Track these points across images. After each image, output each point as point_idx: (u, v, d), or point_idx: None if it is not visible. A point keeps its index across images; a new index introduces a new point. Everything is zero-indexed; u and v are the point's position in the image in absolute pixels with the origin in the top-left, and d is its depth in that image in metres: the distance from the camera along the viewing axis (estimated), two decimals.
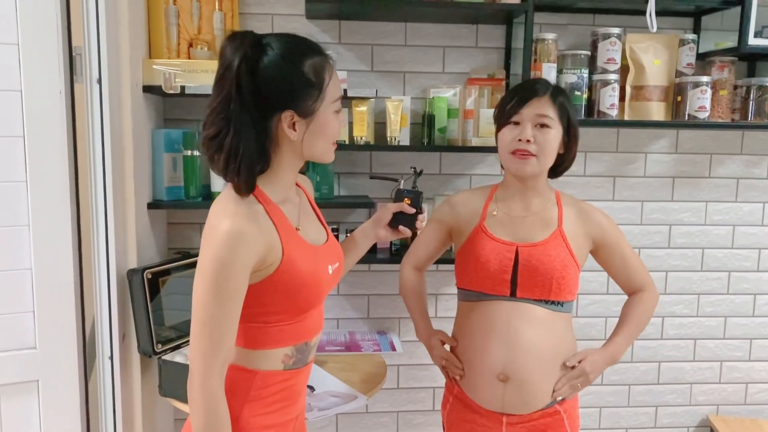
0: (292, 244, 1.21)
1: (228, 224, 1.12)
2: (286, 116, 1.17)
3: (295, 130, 1.19)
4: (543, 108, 1.57)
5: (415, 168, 1.60)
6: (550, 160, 1.60)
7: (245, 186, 1.17)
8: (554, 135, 1.58)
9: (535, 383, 1.57)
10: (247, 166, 1.15)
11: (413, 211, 1.49)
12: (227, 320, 1.13)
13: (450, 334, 1.75)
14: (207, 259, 1.12)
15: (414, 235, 1.92)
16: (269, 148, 1.19)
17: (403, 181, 1.57)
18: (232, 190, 1.19)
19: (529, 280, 1.58)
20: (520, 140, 1.56)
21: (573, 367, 1.60)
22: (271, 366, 1.25)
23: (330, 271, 1.31)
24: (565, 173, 1.71)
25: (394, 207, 1.50)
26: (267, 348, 1.24)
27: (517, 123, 1.59)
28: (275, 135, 1.19)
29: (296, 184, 1.35)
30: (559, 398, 1.60)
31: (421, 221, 1.52)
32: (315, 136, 1.21)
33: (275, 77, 1.15)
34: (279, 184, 1.24)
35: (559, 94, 1.61)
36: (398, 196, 1.52)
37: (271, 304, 1.21)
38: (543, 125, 1.57)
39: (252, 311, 1.19)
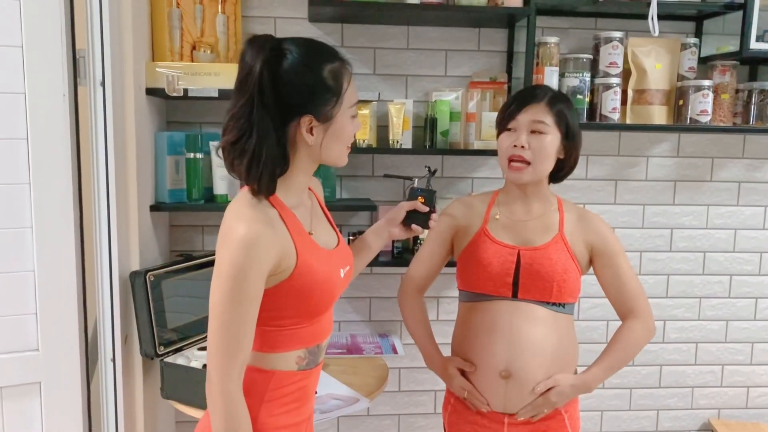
0: (306, 249, 1.21)
1: (244, 229, 1.12)
2: (305, 121, 1.18)
3: (312, 134, 1.19)
4: (538, 114, 1.58)
5: (429, 167, 1.61)
6: (546, 167, 1.61)
7: (266, 190, 1.18)
8: (550, 141, 1.58)
9: (536, 381, 1.57)
10: (269, 170, 1.16)
11: (427, 209, 1.50)
12: (244, 324, 1.14)
13: (451, 336, 1.75)
14: (224, 264, 1.13)
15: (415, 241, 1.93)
16: (289, 152, 1.20)
17: (417, 180, 1.58)
18: (247, 194, 1.19)
19: (530, 282, 1.58)
20: (515, 146, 1.58)
21: (543, 393, 1.58)
22: (285, 367, 1.26)
23: (341, 275, 1.32)
24: (568, 177, 1.71)
25: (407, 205, 1.51)
26: (280, 351, 1.25)
27: (513, 129, 1.60)
28: (293, 139, 1.19)
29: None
30: (520, 418, 1.60)
31: (434, 220, 1.52)
32: (332, 140, 1.22)
33: (296, 82, 1.16)
34: (293, 188, 1.25)
35: (557, 100, 1.61)
36: (412, 195, 1.53)
37: (285, 308, 1.21)
38: (538, 131, 1.58)
39: (266, 315, 1.20)
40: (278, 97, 1.15)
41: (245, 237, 1.11)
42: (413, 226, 1.51)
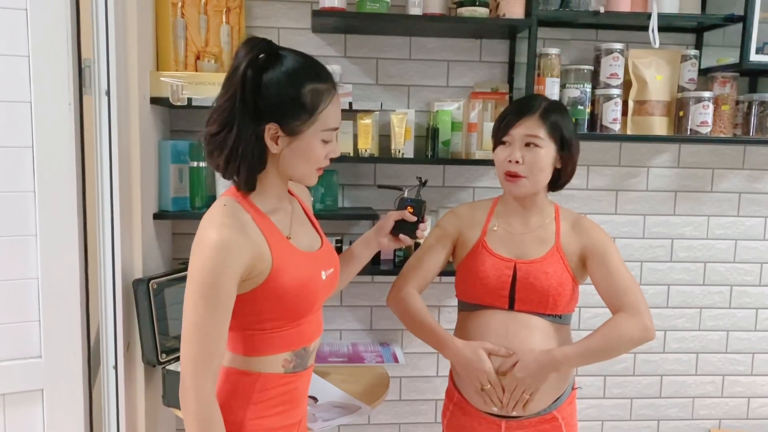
0: (282, 252, 1.23)
1: (215, 235, 1.14)
2: (270, 128, 1.20)
3: (277, 144, 1.21)
4: (532, 128, 1.58)
5: (420, 178, 1.62)
6: (542, 179, 1.61)
7: (246, 185, 1.21)
8: (544, 154, 1.59)
9: None
10: (247, 166, 1.19)
11: (415, 219, 1.51)
12: (217, 329, 1.15)
13: None
14: (195, 270, 1.14)
15: (416, 245, 1.93)
16: (265, 152, 1.22)
17: (407, 191, 1.59)
18: (219, 201, 1.23)
19: (526, 295, 1.59)
20: (510, 161, 1.59)
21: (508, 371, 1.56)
22: (271, 370, 1.26)
23: (323, 277, 1.32)
24: (568, 187, 1.72)
25: (396, 215, 1.52)
26: (265, 354, 1.26)
27: (508, 143, 1.61)
28: (265, 143, 1.21)
29: (289, 192, 1.37)
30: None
31: (423, 230, 1.53)
32: (296, 156, 1.23)
33: (272, 89, 1.18)
34: (269, 194, 1.27)
35: (551, 111, 1.60)
36: (401, 205, 1.54)
37: (266, 311, 1.23)
38: (532, 144, 1.58)
39: (248, 319, 1.21)
40: (255, 99, 1.17)
41: (216, 242, 1.13)
42: (401, 236, 1.52)
